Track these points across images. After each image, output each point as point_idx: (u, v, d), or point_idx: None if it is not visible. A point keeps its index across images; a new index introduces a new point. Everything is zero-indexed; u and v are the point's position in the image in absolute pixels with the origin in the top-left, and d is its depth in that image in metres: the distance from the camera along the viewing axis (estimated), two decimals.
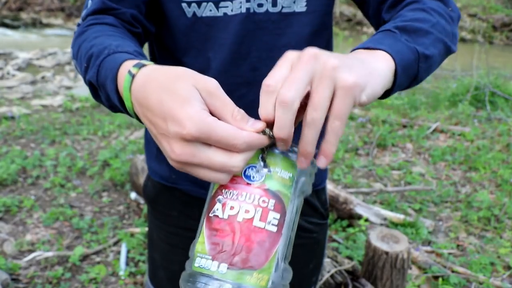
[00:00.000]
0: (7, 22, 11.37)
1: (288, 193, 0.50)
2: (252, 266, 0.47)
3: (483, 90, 5.00)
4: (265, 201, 0.48)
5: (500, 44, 11.94)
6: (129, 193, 2.89)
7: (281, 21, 0.76)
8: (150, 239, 1.04)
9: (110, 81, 0.54)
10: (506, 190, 3.07)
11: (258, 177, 0.49)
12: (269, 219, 0.48)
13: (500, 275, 2.25)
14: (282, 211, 0.49)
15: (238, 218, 0.48)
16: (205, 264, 0.48)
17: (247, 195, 0.49)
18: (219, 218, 0.49)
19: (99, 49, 0.59)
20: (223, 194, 0.50)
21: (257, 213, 0.48)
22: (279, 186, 0.49)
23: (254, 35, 0.76)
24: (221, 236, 0.48)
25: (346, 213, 2.57)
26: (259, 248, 0.48)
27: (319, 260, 1.01)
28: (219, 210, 0.49)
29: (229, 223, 0.48)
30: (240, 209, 0.48)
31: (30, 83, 5.88)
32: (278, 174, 0.50)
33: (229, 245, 0.47)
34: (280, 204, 0.49)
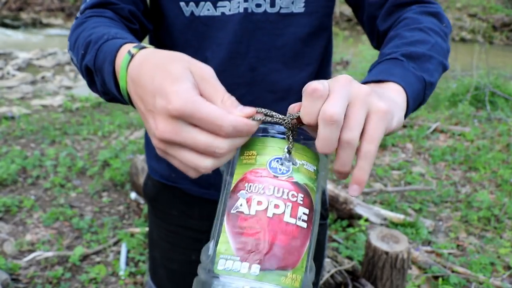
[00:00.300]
0: (7, 22, 11.37)
1: (314, 186, 0.48)
2: (286, 266, 0.43)
3: (483, 90, 5.00)
4: (295, 195, 0.45)
5: (500, 44, 11.93)
6: (129, 193, 2.89)
7: (279, 21, 0.76)
8: (150, 238, 1.04)
9: (108, 63, 0.53)
10: (506, 190, 3.07)
11: (285, 170, 0.46)
12: (299, 214, 0.45)
13: (500, 275, 2.25)
14: (311, 206, 0.46)
15: (268, 213, 0.44)
16: (233, 266, 0.43)
17: (275, 188, 0.45)
18: (244, 215, 0.45)
19: (98, 36, 0.59)
20: (246, 189, 0.46)
21: (287, 208, 0.44)
22: (306, 179, 0.47)
23: (252, 35, 0.76)
24: (250, 234, 0.44)
25: (346, 213, 2.57)
26: (291, 246, 0.44)
27: (319, 261, 1.01)
28: (244, 206, 0.45)
29: (258, 220, 0.44)
30: (269, 204, 0.44)
31: (30, 83, 5.88)
32: (304, 166, 0.47)
33: (260, 243, 0.43)
34: (309, 198, 0.46)
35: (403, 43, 0.63)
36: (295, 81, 0.82)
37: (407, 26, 0.68)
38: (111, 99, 0.60)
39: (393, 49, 0.62)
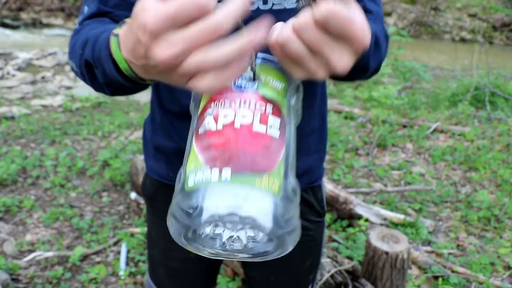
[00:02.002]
0: (7, 22, 11.36)
1: (284, 102, 0.46)
2: (260, 169, 0.40)
3: (483, 90, 5.00)
4: (263, 105, 0.44)
5: (500, 44, 11.93)
6: (129, 193, 2.89)
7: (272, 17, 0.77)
8: (149, 237, 1.05)
9: (104, 49, 0.53)
10: (506, 190, 3.07)
11: (250, 85, 0.45)
12: (270, 122, 0.43)
13: (500, 275, 2.25)
14: (282, 116, 0.45)
15: (235, 124, 0.42)
16: (203, 176, 0.40)
17: (242, 101, 0.43)
18: (212, 131, 0.43)
19: (95, 33, 0.59)
20: (212, 108, 0.44)
21: (256, 117, 0.43)
22: (273, 94, 0.45)
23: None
24: (219, 145, 0.41)
25: (346, 213, 2.57)
26: (264, 152, 0.41)
27: (316, 258, 1.02)
28: (211, 123, 0.43)
29: (226, 132, 0.42)
30: (236, 115, 0.42)
31: (30, 83, 5.88)
32: (271, 83, 0.46)
33: (231, 150, 0.41)
34: (278, 110, 0.45)
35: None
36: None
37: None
38: (115, 90, 0.59)
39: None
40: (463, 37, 12.25)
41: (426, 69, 5.66)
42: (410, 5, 12.91)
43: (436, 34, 12.52)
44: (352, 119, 4.44)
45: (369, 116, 4.35)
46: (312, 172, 0.93)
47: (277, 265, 0.95)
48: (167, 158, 0.90)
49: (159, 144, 0.90)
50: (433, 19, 12.75)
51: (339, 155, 3.55)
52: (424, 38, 12.22)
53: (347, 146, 3.73)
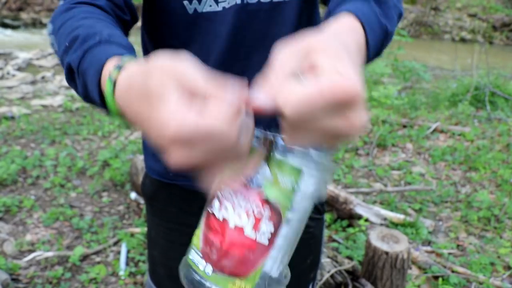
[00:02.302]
0: (7, 22, 11.36)
1: (288, 203, 0.46)
2: (237, 273, 0.45)
3: (483, 90, 5.00)
4: (260, 211, 0.45)
5: (500, 44, 11.93)
6: (129, 193, 2.89)
7: (272, 9, 0.77)
8: (149, 237, 1.04)
9: (93, 73, 0.51)
10: (506, 190, 3.07)
11: (257, 181, 0.46)
12: (261, 230, 0.45)
13: (500, 275, 2.25)
14: (278, 222, 0.46)
15: (230, 223, 0.46)
16: (196, 260, 0.48)
17: (242, 198, 0.46)
18: (214, 217, 0.47)
19: (88, 33, 0.55)
20: (222, 190, 0.47)
21: (250, 222, 0.45)
22: (278, 194, 0.45)
23: (247, 25, 0.77)
24: (213, 236, 0.47)
25: (346, 213, 2.57)
26: (246, 258, 0.45)
27: (317, 256, 1.01)
28: (216, 208, 0.47)
29: (221, 226, 0.46)
30: (234, 213, 0.46)
31: (30, 83, 5.88)
32: (279, 181, 0.46)
33: (218, 247, 0.46)
34: (277, 215, 0.45)
35: None
36: None
37: None
38: (90, 102, 0.56)
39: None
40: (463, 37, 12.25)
41: (426, 69, 5.66)
42: (410, 5, 12.91)
43: (436, 34, 12.52)
44: None
45: (369, 116, 4.35)
46: None
47: None
48: None
49: None
50: (433, 19, 12.75)
51: (339, 155, 3.55)
52: (424, 38, 12.22)
53: (347, 146, 3.73)
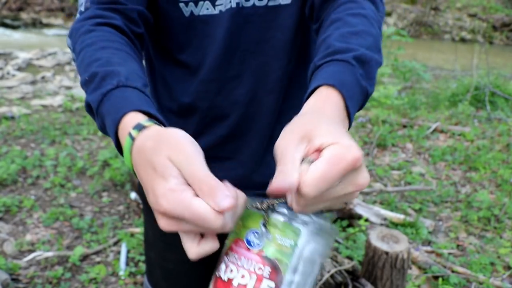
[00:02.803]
0: (7, 22, 11.37)
1: (288, 261, 0.49)
2: None
3: (483, 90, 5.00)
4: (261, 268, 0.49)
5: (500, 44, 11.94)
6: (129, 193, 2.89)
7: (267, 14, 0.76)
8: (146, 238, 1.04)
9: (111, 122, 0.54)
10: (506, 190, 3.07)
11: (257, 243, 0.50)
12: (262, 287, 0.48)
13: (500, 275, 2.25)
14: (278, 279, 0.49)
15: (234, 282, 0.49)
16: None
17: (245, 260, 0.50)
18: (220, 279, 0.51)
19: (105, 72, 0.58)
20: (228, 255, 0.52)
21: (252, 280, 0.49)
22: (277, 253, 0.49)
23: (242, 29, 0.77)
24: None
25: (346, 213, 2.57)
26: None
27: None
28: (222, 271, 0.51)
29: (226, 285, 0.50)
30: (238, 274, 0.49)
31: (30, 83, 5.88)
32: (278, 241, 0.50)
33: None
34: (276, 272, 0.49)
35: (350, 33, 0.62)
36: (285, 72, 0.82)
37: (350, 10, 0.67)
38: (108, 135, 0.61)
39: (343, 44, 0.60)
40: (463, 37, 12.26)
41: (426, 69, 5.66)
42: (410, 5, 12.91)
43: (436, 34, 12.52)
44: None
45: (369, 116, 4.35)
46: None
47: None
48: None
49: None
50: (433, 19, 12.75)
51: None
52: (424, 38, 12.22)
53: None
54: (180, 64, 0.82)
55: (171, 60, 0.82)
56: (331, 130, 0.47)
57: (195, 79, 0.81)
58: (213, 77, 0.80)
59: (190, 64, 0.81)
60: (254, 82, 0.82)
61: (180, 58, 0.81)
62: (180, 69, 0.82)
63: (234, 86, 0.80)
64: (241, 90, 0.81)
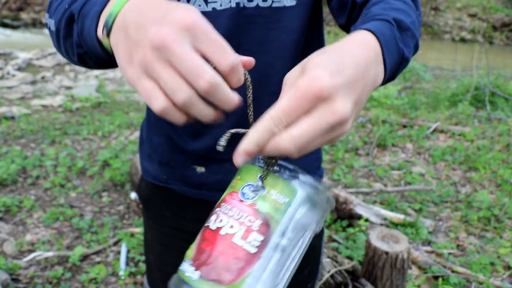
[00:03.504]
0: (7, 22, 11.37)
1: (279, 217, 0.49)
2: (220, 280, 0.47)
3: (483, 90, 5.00)
4: (251, 220, 0.48)
5: (500, 44, 11.94)
6: (129, 193, 2.89)
7: (271, 15, 0.76)
8: (145, 240, 1.04)
9: (98, 6, 0.52)
10: (506, 190, 3.07)
11: (252, 196, 0.49)
12: (250, 239, 0.47)
13: (500, 275, 2.25)
14: (267, 235, 0.48)
15: (221, 231, 0.48)
16: (185, 268, 0.49)
17: (237, 211, 0.49)
18: (209, 229, 0.50)
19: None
20: (221, 207, 0.50)
21: (240, 231, 0.48)
22: (270, 208, 0.48)
23: (244, 30, 0.76)
24: (205, 245, 0.49)
25: (346, 213, 2.57)
26: (232, 265, 0.47)
27: (315, 267, 1.00)
28: (212, 221, 0.50)
29: (214, 234, 0.49)
30: (227, 224, 0.48)
31: (30, 83, 5.88)
32: (273, 196, 0.49)
33: (207, 254, 0.48)
34: (266, 227, 0.48)
35: (391, 8, 0.62)
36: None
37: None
38: (81, 54, 0.59)
39: (383, 11, 0.60)
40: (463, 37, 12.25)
41: (426, 69, 5.66)
42: None
43: (436, 34, 12.52)
44: None
45: (369, 116, 4.35)
46: (309, 173, 0.92)
47: None
48: (160, 157, 0.89)
49: (154, 141, 0.89)
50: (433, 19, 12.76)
51: (339, 155, 3.55)
52: (424, 38, 12.22)
53: (347, 146, 3.73)
54: None
55: None
56: (321, 62, 0.44)
57: None
58: None
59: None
60: (256, 83, 0.81)
61: None
62: None
63: (235, 88, 0.80)
64: (242, 91, 0.81)
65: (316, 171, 0.94)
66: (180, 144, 0.84)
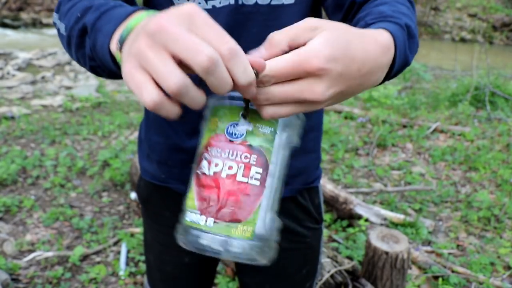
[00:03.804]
0: (7, 22, 11.37)
1: (270, 147, 0.51)
2: (237, 219, 0.49)
3: (483, 90, 5.00)
4: (247, 157, 0.50)
5: (500, 44, 11.94)
6: (129, 193, 2.89)
7: (270, 13, 0.76)
8: (144, 240, 1.04)
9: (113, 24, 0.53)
10: (506, 190, 3.07)
11: (240, 134, 0.51)
12: (251, 173, 0.50)
13: (500, 275, 2.25)
14: (265, 165, 0.51)
15: (222, 174, 0.50)
16: (195, 218, 0.51)
17: (230, 151, 0.50)
18: (205, 175, 0.51)
19: (101, 3, 0.58)
20: (209, 152, 0.52)
21: (240, 169, 0.50)
22: (260, 141, 0.51)
23: (243, 27, 0.76)
24: (208, 192, 0.50)
25: (346, 213, 2.57)
26: (243, 202, 0.49)
27: (313, 267, 1.00)
28: (205, 167, 0.51)
29: (214, 179, 0.50)
30: (224, 166, 0.50)
31: (30, 83, 5.88)
32: (260, 130, 0.51)
33: (215, 200, 0.50)
34: (263, 159, 0.51)
35: (399, 12, 0.63)
36: None
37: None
38: (94, 66, 0.59)
39: (394, 13, 0.61)
40: (463, 37, 12.25)
41: (426, 69, 5.66)
42: None
43: (436, 34, 12.52)
44: (352, 119, 4.44)
45: (369, 116, 4.35)
46: (308, 172, 0.92)
47: (271, 273, 0.93)
48: (159, 156, 0.89)
49: (153, 140, 0.90)
50: (433, 19, 12.75)
51: (339, 155, 3.54)
52: (424, 38, 12.22)
53: (347, 146, 3.73)
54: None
55: None
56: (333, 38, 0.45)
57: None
58: None
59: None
60: None
61: None
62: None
63: None
64: None
65: (315, 170, 0.94)
66: (178, 142, 0.85)
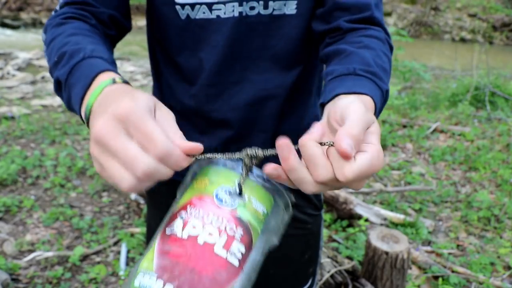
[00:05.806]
0: (7, 22, 11.36)
1: (259, 228, 0.45)
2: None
3: (483, 90, 5.00)
4: (233, 229, 0.43)
5: (500, 44, 11.94)
6: (129, 193, 2.89)
7: (271, 23, 0.77)
8: (148, 231, 1.05)
9: (80, 87, 0.55)
10: (506, 190, 3.07)
11: (231, 202, 0.45)
12: (232, 249, 0.42)
13: (500, 275, 2.25)
14: (249, 245, 0.44)
15: (198, 239, 0.42)
16: (147, 282, 0.41)
17: (214, 217, 0.43)
18: (176, 237, 0.43)
19: (73, 49, 0.60)
20: (187, 211, 0.45)
21: (221, 239, 0.42)
22: (251, 217, 0.44)
23: (245, 37, 0.77)
24: (175, 256, 0.42)
25: (346, 213, 2.57)
26: (213, 278, 0.41)
27: (315, 252, 1.02)
28: (179, 228, 0.43)
29: (187, 244, 0.42)
30: (203, 231, 0.42)
31: (30, 83, 5.88)
32: (253, 205, 0.45)
33: (181, 267, 0.41)
34: (248, 238, 0.44)
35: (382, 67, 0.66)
36: (285, 79, 0.83)
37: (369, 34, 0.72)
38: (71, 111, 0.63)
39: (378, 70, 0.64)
40: (463, 37, 12.25)
41: (426, 69, 5.66)
42: (410, 5, 12.91)
43: (436, 34, 12.52)
44: None
45: None
46: None
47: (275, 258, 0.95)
48: None
49: None
50: (433, 19, 12.75)
51: None
52: (424, 38, 12.22)
53: None
54: (179, 67, 0.83)
55: (171, 62, 0.84)
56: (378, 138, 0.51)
57: (195, 83, 0.82)
58: (213, 82, 0.81)
59: (188, 67, 0.82)
60: (255, 88, 0.82)
61: (178, 60, 0.82)
62: (179, 72, 0.83)
63: (235, 91, 0.81)
64: (242, 95, 0.82)
65: None
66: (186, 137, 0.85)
